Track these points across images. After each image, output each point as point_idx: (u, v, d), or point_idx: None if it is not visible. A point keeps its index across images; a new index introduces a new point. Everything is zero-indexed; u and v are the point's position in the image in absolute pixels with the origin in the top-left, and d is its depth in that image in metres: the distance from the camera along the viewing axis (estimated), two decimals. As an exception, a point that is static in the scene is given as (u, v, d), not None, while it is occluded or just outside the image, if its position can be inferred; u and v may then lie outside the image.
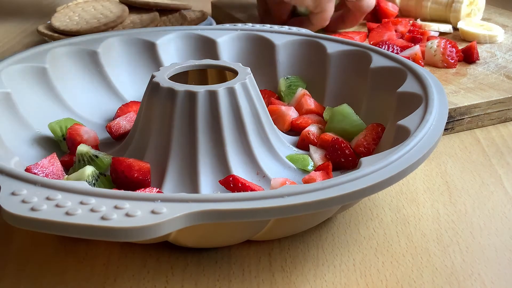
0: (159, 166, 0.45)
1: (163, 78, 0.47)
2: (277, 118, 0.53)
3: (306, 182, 0.45)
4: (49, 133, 0.50)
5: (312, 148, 0.50)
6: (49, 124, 0.49)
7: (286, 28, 0.63)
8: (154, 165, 0.45)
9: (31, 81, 0.53)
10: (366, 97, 0.54)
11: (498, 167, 0.52)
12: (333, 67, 0.57)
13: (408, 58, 0.58)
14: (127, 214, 0.31)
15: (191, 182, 0.44)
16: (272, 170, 0.46)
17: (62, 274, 0.39)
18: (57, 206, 0.32)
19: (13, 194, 0.33)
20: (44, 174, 0.44)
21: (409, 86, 0.49)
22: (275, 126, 0.50)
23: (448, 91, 0.61)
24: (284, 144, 0.50)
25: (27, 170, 0.43)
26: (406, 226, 0.44)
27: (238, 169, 0.45)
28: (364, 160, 0.38)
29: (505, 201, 0.47)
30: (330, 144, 0.48)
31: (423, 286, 0.38)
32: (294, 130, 0.54)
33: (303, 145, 0.51)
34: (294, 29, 0.62)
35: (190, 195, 0.33)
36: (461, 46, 0.72)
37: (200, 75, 0.51)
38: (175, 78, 0.48)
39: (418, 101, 0.46)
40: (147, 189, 0.41)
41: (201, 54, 0.61)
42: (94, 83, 0.57)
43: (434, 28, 0.81)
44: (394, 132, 0.45)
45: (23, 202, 0.32)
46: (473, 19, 0.82)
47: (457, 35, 0.80)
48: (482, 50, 0.74)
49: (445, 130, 0.47)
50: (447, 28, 0.81)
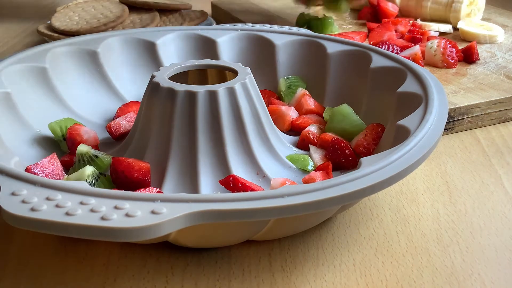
0: (159, 166, 0.45)
1: (163, 78, 0.47)
2: (277, 118, 0.53)
3: (306, 182, 0.45)
4: (49, 133, 0.50)
5: (312, 148, 0.50)
6: (49, 124, 0.49)
7: (286, 28, 0.63)
8: (154, 165, 0.45)
9: (31, 81, 0.53)
10: (366, 97, 0.54)
11: (498, 167, 0.52)
12: (333, 67, 0.57)
13: (408, 58, 0.58)
14: (127, 214, 0.31)
15: (191, 182, 0.44)
16: (272, 170, 0.46)
17: (62, 274, 0.39)
18: (57, 206, 0.32)
19: (13, 194, 0.33)
20: (44, 174, 0.44)
21: (409, 86, 0.49)
22: (275, 126, 0.50)
23: (448, 91, 0.61)
24: (284, 144, 0.50)
25: (27, 170, 0.43)
26: (406, 226, 0.44)
27: (238, 169, 0.45)
28: (364, 160, 0.38)
29: (505, 201, 0.47)
30: (330, 144, 0.48)
31: (423, 286, 0.38)
32: (294, 130, 0.54)
33: (303, 145, 0.51)
34: (294, 29, 0.62)
35: (190, 195, 0.33)
36: (461, 46, 0.72)
37: (200, 75, 0.51)
38: (175, 78, 0.48)
39: (418, 101, 0.46)
40: (147, 189, 0.41)
41: (201, 54, 0.61)
42: (94, 83, 0.57)
43: (434, 28, 0.81)
44: (394, 132, 0.45)
45: (23, 202, 0.32)
46: (473, 19, 0.82)
47: (457, 35, 0.80)
48: (482, 50, 0.74)
49: (445, 130, 0.47)
50: (447, 28, 0.82)
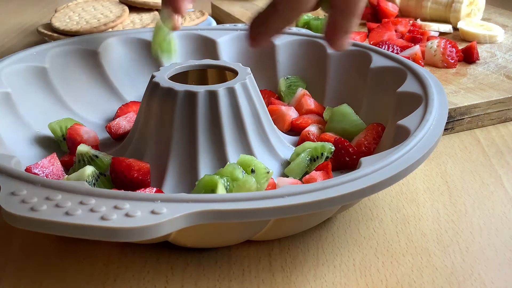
0: (159, 166, 0.45)
1: (163, 78, 0.47)
2: (277, 118, 0.53)
3: (306, 182, 0.45)
4: (49, 133, 0.50)
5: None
6: (49, 124, 0.50)
7: (286, 28, 0.62)
8: (154, 165, 0.45)
9: (31, 81, 0.53)
10: (366, 97, 0.54)
11: (498, 167, 0.52)
12: (333, 67, 0.57)
13: (408, 58, 0.58)
14: (127, 214, 0.31)
15: (191, 182, 0.44)
16: (272, 170, 0.46)
17: (62, 274, 0.39)
18: (57, 206, 0.32)
19: (13, 194, 0.33)
20: (44, 174, 0.44)
21: (409, 86, 0.49)
22: (275, 126, 0.50)
23: (448, 91, 0.61)
24: (284, 144, 0.50)
25: (27, 170, 0.43)
26: (406, 226, 0.44)
27: (238, 169, 0.45)
28: (364, 160, 0.38)
29: (505, 201, 0.47)
30: (334, 144, 0.47)
31: (423, 286, 0.38)
32: (294, 130, 0.54)
33: (303, 145, 0.51)
34: (294, 29, 0.62)
35: (190, 195, 0.33)
36: (461, 46, 0.72)
37: (200, 75, 0.51)
38: (175, 78, 0.48)
39: (418, 101, 0.46)
40: (147, 189, 0.41)
41: (201, 54, 0.61)
42: (94, 83, 0.57)
43: (434, 28, 0.81)
44: (394, 132, 0.45)
45: (23, 202, 0.32)
46: (473, 19, 0.82)
47: (457, 35, 0.80)
48: (482, 50, 0.74)
49: (445, 130, 0.47)
50: (447, 28, 0.81)
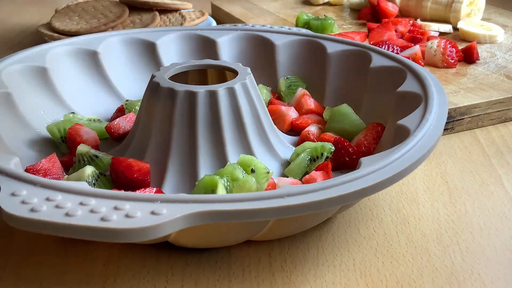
0: (159, 166, 0.45)
1: (163, 78, 0.46)
2: (277, 118, 0.53)
3: (306, 182, 0.45)
4: (49, 133, 0.50)
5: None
6: (47, 126, 0.49)
7: (286, 28, 0.63)
8: (154, 165, 0.45)
9: (31, 81, 0.53)
10: (366, 97, 0.54)
11: (498, 167, 0.52)
12: (333, 67, 0.57)
13: (408, 58, 0.58)
14: (127, 215, 0.31)
15: (191, 182, 0.44)
16: (272, 170, 0.46)
17: (61, 275, 0.39)
18: (57, 207, 0.32)
19: (13, 194, 0.33)
20: (44, 174, 0.44)
21: (409, 85, 0.49)
22: (275, 126, 0.50)
23: (448, 91, 0.61)
24: (284, 144, 0.50)
25: (27, 170, 0.43)
26: (406, 226, 0.44)
27: (238, 169, 0.45)
28: (364, 160, 0.38)
29: (505, 201, 0.47)
30: (334, 144, 0.47)
31: (423, 286, 0.38)
32: (294, 130, 0.54)
33: (303, 145, 0.51)
34: (294, 29, 0.62)
35: (190, 196, 0.33)
36: (461, 46, 0.72)
37: (200, 75, 0.51)
38: (175, 78, 0.48)
39: (418, 100, 0.46)
40: (147, 189, 0.41)
41: (201, 54, 0.61)
42: (94, 83, 0.57)
43: (434, 28, 0.81)
44: (394, 131, 0.45)
45: (23, 203, 0.32)
46: (473, 19, 0.82)
47: (457, 35, 0.80)
48: (482, 50, 0.74)
49: (445, 130, 0.47)
50: (447, 28, 0.81)
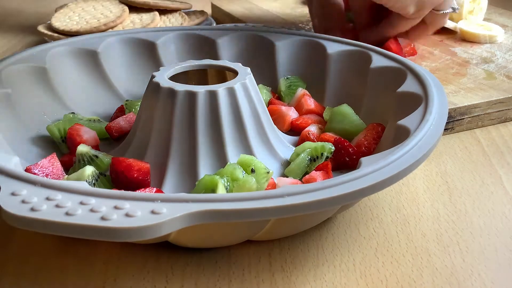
0: (159, 166, 0.45)
1: (163, 78, 0.47)
2: (277, 118, 0.53)
3: (306, 182, 0.45)
4: (49, 133, 0.50)
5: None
6: (47, 126, 0.49)
7: (286, 28, 0.63)
8: (154, 165, 0.45)
9: (31, 81, 0.53)
10: (366, 97, 0.54)
11: (498, 167, 0.52)
12: (333, 67, 0.57)
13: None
14: (127, 214, 0.31)
15: (191, 182, 0.44)
16: (272, 170, 0.46)
17: (62, 274, 0.39)
18: (57, 206, 0.32)
19: (13, 194, 0.33)
20: (44, 174, 0.44)
21: (409, 86, 0.49)
22: (275, 126, 0.50)
23: (448, 91, 0.60)
24: (284, 144, 0.50)
25: (27, 170, 0.43)
26: (406, 226, 0.44)
27: (238, 169, 0.45)
28: (364, 160, 0.38)
29: (505, 201, 0.47)
30: (334, 144, 0.47)
31: (423, 286, 0.38)
32: (294, 130, 0.54)
33: (303, 145, 0.51)
34: (295, 29, 0.62)
35: (190, 195, 0.33)
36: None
37: (200, 75, 0.51)
38: (175, 78, 0.48)
39: (418, 101, 0.46)
40: (147, 189, 0.41)
41: (201, 54, 0.61)
42: (94, 83, 0.57)
43: None
44: (394, 132, 0.45)
45: (23, 202, 0.32)
46: (473, 19, 0.82)
47: (457, 35, 0.80)
48: (482, 50, 0.74)
49: (445, 130, 0.47)
50: (452, 25, 0.80)
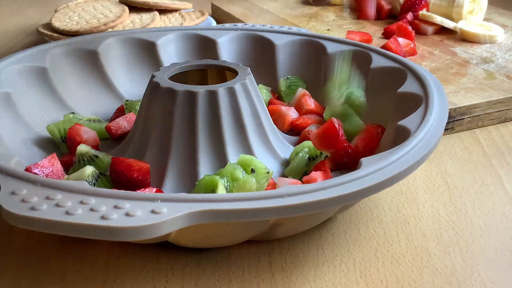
0: (159, 166, 0.45)
1: (163, 78, 0.46)
2: (277, 118, 0.53)
3: (306, 182, 0.44)
4: (49, 133, 0.50)
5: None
6: (47, 126, 0.49)
7: (286, 28, 0.63)
8: (154, 165, 0.44)
9: (31, 81, 0.53)
10: (366, 97, 0.54)
11: (498, 167, 0.52)
12: (333, 67, 0.57)
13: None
14: (127, 214, 0.31)
15: (191, 182, 0.44)
16: (272, 170, 0.46)
17: (62, 274, 0.39)
18: (57, 205, 0.32)
19: (13, 193, 0.33)
20: (44, 174, 0.44)
21: (409, 86, 0.49)
22: (275, 126, 0.50)
23: (448, 91, 0.61)
24: (284, 144, 0.50)
25: (27, 170, 0.43)
26: (406, 226, 0.44)
27: (238, 169, 0.45)
28: (364, 160, 0.38)
29: (505, 201, 0.47)
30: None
31: (423, 286, 0.38)
32: (294, 130, 0.54)
33: (303, 145, 0.51)
34: (294, 29, 0.62)
35: (190, 195, 0.33)
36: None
37: (200, 75, 0.51)
38: (175, 78, 0.48)
39: (418, 101, 0.46)
40: (147, 189, 0.41)
41: (201, 54, 0.61)
42: (94, 83, 0.57)
43: (438, 20, 0.81)
44: (394, 132, 0.45)
45: (23, 201, 0.32)
46: (474, 19, 0.82)
47: (457, 35, 0.80)
48: (482, 50, 0.74)
49: (445, 130, 0.47)
50: (451, 24, 0.80)
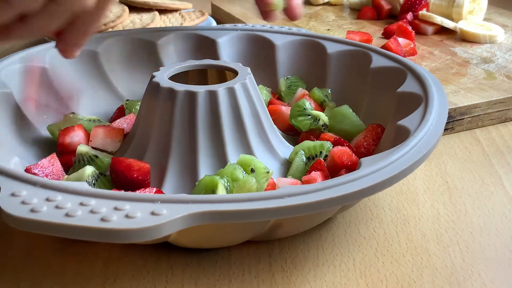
0: (159, 166, 0.45)
1: (163, 78, 0.46)
2: (277, 118, 0.53)
3: (306, 182, 0.44)
4: (49, 133, 0.50)
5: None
6: (47, 126, 0.49)
7: (286, 28, 0.63)
8: (154, 165, 0.44)
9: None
10: (366, 97, 0.54)
11: (498, 167, 0.52)
12: (333, 67, 0.57)
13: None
14: (127, 216, 0.31)
15: (191, 182, 0.44)
16: (272, 170, 0.46)
17: (62, 274, 0.39)
18: (57, 207, 0.32)
19: (13, 195, 0.33)
20: (44, 174, 0.44)
21: (409, 86, 0.49)
22: (275, 126, 0.50)
23: (448, 91, 0.61)
24: (284, 144, 0.50)
25: (27, 170, 0.43)
26: (406, 226, 0.44)
27: (238, 169, 0.45)
28: (364, 160, 0.38)
29: (505, 201, 0.47)
30: (333, 144, 0.47)
31: (423, 286, 0.38)
32: (294, 130, 0.54)
33: (303, 145, 0.51)
34: (294, 29, 0.62)
35: (190, 196, 0.33)
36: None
37: (200, 75, 0.51)
38: (175, 78, 0.48)
39: (418, 101, 0.46)
40: (147, 189, 0.41)
41: (201, 54, 0.61)
42: (94, 83, 0.57)
43: (438, 20, 0.81)
44: (394, 132, 0.45)
45: (23, 203, 0.32)
46: (474, 19, 0.82)
47: (457, 35, 0.80)
48: (482, 50, 0.74)
49: (445, 130, 0.47)
50: (451, 24, 0.80)
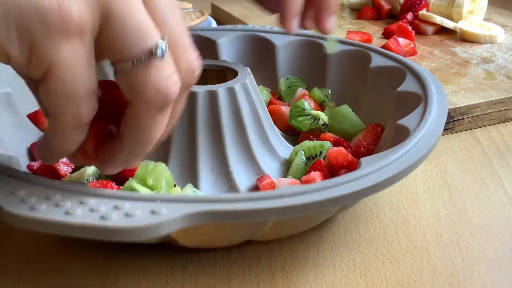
0: (159, 166, 0.45)
1: (163, 78, 0.46)
2: (277, 118, 0.53)
3: (305, 182, 0.44)
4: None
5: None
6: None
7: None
8: (154, 165, 0.44)
9: (31, 81, 0.53)
10: (366, 97, 0.54)
11: (498, 167, 0.52)
12: (333, 67, 0.57)
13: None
14: (127, 214, 0.31)
15: (191, 182, 0.44)
16: (271, 170, 0.46)
17: (62, 274, 0.39)
18: (56, 205, 0.31)
19: (12, 193, 0.33)
20: (44, 174, 0.44)
21: (408, 85, 0.49)
22: (275, 126, 0.50)
23: (448, 91, 0.61)
24: (284, 144, 0.50)
25: (29, 166, 0.43)
26: (406, 226, 0.44)
27: (238, 169, 0.45)
28: (364, 160, 0.38)
29: (505, 201, 0.47)
30: (333, 144, 0.47)
31: (423, 286, 0.38)
32: (294, 130, 0.54)
33: (303, 145, 0.51)
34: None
35: (190, 196, 0.33)
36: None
37: (200, 75, 0.51)
38: (175, 78, 0.48)
39: (418, 100, 0.46)
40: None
41: (201, 54, 0.60)
42: (94, 83, 0.57)
43: (438, 20, 0.81)
44: (393, 131, 0.44)
45: (23, 201, 0.32)
46: (474, 19, 0.82)
47: (457, 35, 0.80)
48: (482, 50, 0.74)
49: (445, 130, 0.47)
50: (451, 24, 0.80)
